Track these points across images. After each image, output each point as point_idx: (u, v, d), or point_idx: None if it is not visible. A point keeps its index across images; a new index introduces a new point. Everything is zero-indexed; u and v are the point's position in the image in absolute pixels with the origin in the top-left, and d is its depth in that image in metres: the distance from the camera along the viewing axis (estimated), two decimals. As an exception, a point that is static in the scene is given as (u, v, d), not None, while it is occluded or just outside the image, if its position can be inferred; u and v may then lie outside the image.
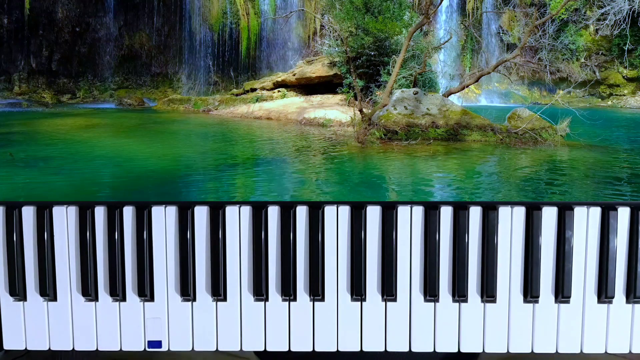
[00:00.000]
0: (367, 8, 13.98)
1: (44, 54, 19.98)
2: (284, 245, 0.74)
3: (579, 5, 19.07)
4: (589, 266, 0.74)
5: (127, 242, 0.75)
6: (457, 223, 0.73)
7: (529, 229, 0.73)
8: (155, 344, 0.76)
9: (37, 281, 0.75)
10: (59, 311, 0.76)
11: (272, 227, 0.75)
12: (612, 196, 5.78)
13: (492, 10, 20.95)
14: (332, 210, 0.74)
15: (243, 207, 0.74)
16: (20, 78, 19.89)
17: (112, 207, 0.75)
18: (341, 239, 0.74)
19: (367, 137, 9.16)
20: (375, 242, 0.73)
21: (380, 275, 0.74)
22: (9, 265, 0.76)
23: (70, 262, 0.75)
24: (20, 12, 19.36)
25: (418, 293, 0.74)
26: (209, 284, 0.74)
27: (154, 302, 0.75)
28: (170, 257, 0.75)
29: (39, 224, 0.75)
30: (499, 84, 21.58)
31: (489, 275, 0.72)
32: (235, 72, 20.82)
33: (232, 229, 0.75)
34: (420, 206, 0.73)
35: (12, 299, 0.76)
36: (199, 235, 0.74)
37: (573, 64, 20.39)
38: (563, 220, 0.73)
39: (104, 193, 5.97)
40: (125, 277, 0.75)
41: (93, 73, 20.72)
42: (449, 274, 0.74)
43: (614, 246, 0.73)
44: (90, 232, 0.75)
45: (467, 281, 0.74)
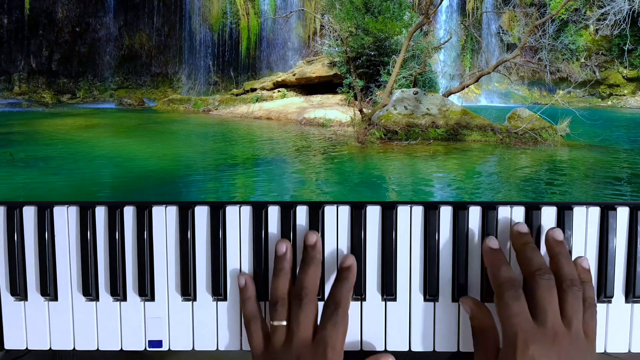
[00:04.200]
0: (367, 8, 13.98)
1: (44, 54, 19.99)
2: (284, 245, 0.74)
3: (579, 5, 19.08)
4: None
5: (127, 242, 0.75)
6: (457, 223, 0.74)
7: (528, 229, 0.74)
8: (156, 344, 0.77)
9: (38, 281, 0.76)
10: (60, 311, 0.76)
11: (272, 227, 0.75)
12: (612, 196, 5.79)
13: (492, 10, 20.97)
14: (332, 210, 0.74)
15: (243, 207, 0.75)
16: (20, 78, 19.90)
17: (112, 207, 0.75)
18: (341, 239, 0.75)
19: (367, 137, 9.16)
20: (375, 242, 0.74)
21: (380, 275, 0.74)
22: (10, 265, 0.76)
23: (71, 262, 0.76)
24: (20, 12, 19.37)
25: (418, 293, 0.74)
26: (209, 283, 0.74)
27: (155, 302, 0.76)
28: (170, 256, 0.75)
29: (40, 224, 0.75)
30: (499, 84, 21.59)
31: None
32: (235, 72, 20.83)
33: (233, 229, 0.75)
34: (420, 206, 0.74)
35: (13, 299, 0.77)
36: (199, 235, 0.75)
37: (573, 64, 20.41)
38: (562, 220, 0.73)
39: (104, 193, 5.98)
40: (125, 277, 0.75)
41: (93, 73, 20.72)
42: (449, 274, 0.74)
43: (613, 246, 0.73)
44: (91, 232, 0.75)
45: (467, 281, 0.74)
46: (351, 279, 0.72)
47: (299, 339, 0.68)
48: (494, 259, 0.70)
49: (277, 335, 0.69)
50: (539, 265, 0.68)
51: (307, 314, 0.69)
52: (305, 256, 0.72)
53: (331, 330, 0.68)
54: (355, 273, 0.73)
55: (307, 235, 0.73)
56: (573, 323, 0.65)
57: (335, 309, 0.69)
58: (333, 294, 0.71)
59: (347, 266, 0.73)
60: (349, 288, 0.72)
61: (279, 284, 0.71)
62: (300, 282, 0.71)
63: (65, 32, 20.07)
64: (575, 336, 0.64)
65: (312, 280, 0.71)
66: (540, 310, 0.65)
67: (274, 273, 0.73)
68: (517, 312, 0.65)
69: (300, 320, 0.68)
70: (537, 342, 0.63)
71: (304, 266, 0.72)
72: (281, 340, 0.69)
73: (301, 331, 0.68)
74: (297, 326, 0.68)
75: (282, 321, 0.70)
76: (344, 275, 0.72)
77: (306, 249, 0.73)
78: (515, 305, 0.65)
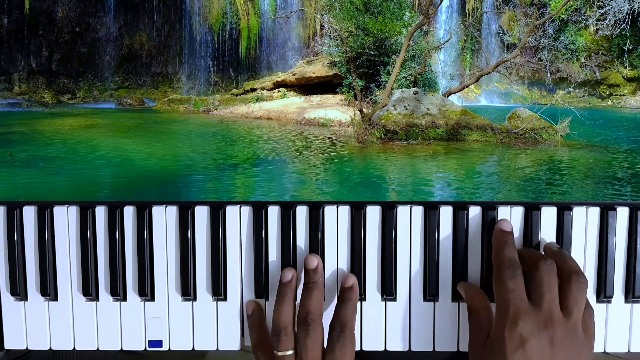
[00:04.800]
0: (367, 8, 13.99)
1: (44, 54, 19.99)
2: (283, 245, 0.74)
3: (579, 5, 19.08)
4: (587, 266, 0.74)
5: (127, 242, 0.75)
6: (457, 223, 0.74)
7: (527, 229, 0.74)
8: (156, 344, 0.77)
9: (38, 281, 0.76)
10: (60, 311, 0.76)
11: (272, 226, 0.75)
12: (612, 196, 5.79)
13: (492, 10, 20.97)
14: (332, 210, 0.74)
15: (243, 207, 0.75)
16: (20, 78, 19.90)
17: (112, 207, 0.75)
18: (341, 239, 0.75)
19: (367, 137, 9.16)
20: (375, 242, 0.74)
21: (380, 275, 0.74)
22: (10, 265, 0.76)
23: (71, 262, 0.76)
24: (20, 12, 19.38)
25: (418, 293, 0.74)
26: (209, 283, 0.74)
27: (155, 302, 0.76)
28: (170, 256, 0.75)
29: (40, 224, 0.75)
30: (499, 84, 21.59)
31: (490, 274, 0.72)
32: (235, 72, 20.83)
33: (233, 229, 0.75)
34: (420, 206, 0.74)
35: (13, 299, 0.77)
36: (199, 235, 0.75)
37: (573, 64, 20.41)
38: (562, 220, 0.73)
39: (104, 193, 5.98)
40: (125, 277, 0.75)
41: (93, 73, 20.72)
42: (448, 274, 0.74)
43: (613, 246, 0.73)
44: (91, 232, 0.75)
45: (467, 281, 0.74)
46: (354, 299, 0.72)
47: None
48: (502, 239, 0.70)
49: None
50: (540, 255, 0.68)
51: (315, 339, 0.68)
52: (307, 281, 0.72)
53: (339, 353, 0.68)
54: (357, 292, 0.73)
55: (307, 260, 0.73)
56: (573, 313, 0.63)
57: (342, 331, 0.69)
58: (338, 316, 0.70)
59: (349, 286, 0.72)
60: (353, 309, 0.71)
61: (282, 312, 0.71)
62: (306, 308, 0.70)
63: (65, 32, 20.07)
64: (572, 327, 0.63)
65: (317, 305, 0.71)
66: (537, 292, 0.64)
67: (277, 299, 0.72)
68: (512, 288, 0.64)
69: (308, 347, 0.68)
70: (527, 321, 0.62)
71: (306, 291, 0.71)
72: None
73: (309, 357, 0.68)
74: (305, 353, 0.68)
75: (287, 351, 0.69)
76: (347, 296, 0.72)
77: (307, 273, 0.72)
78: (511, 282, 0.65)
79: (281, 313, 0.71)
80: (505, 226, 0.72)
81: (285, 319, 0.71)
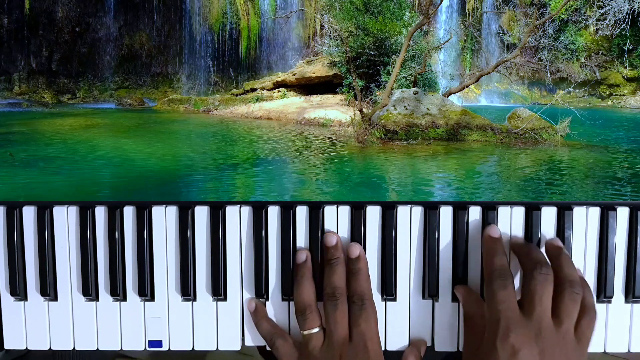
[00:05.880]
0: (367, 8, 13.99)
1: (44, 54, 19.99)
2: (283, 245, 0.74)
3: (579, 5, 19.08)
4: (588, 266, 0.74)
5: (127, 242, 0.75)
6: (457, 223, 0.74)
7: (528, 229, 0.74)
8: (156, 344, 0.77)
9: (38, 281, 0.76)
10: (60, 311, 0.76)
11: (272, 227, 0.75)
12: (612, 196, 5.79)
13: (492, 10, 20.97)
14: (332, 210, 0.74)
15: (243, 207, 0.75)
16: (20, 78, 19.90)
17: (112, 207, 0.75)
18: (341, 239, 0.75)
19: (367, 137, 9.16)
20: (375, 242, 0.74)
21: (380, 275, 0.74)
22: (10, 265, 0.76)
23: (71, 262, 0.76)
24: (20, 12, 19.37)
25: (418, 293, 0.74)
26: (209, 283, 0.74)
27: (155, 302, 0.76)
28: (170, 256, 0.75)
29: (40, 224, 0.75)
30: (499, 84, 21.59)
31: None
32: (235, 72, 20.83)
33: (233, 229, 0.75)
34: (419, 206, 0.74)
35: (12, 299, 0.77)
36: (199, 235, 0.75)
37: (573, 64, 20.40)
38: (562, 220, 0.73)
39: (104, 193, 5.98)
40: (125, 277, 0.75)
41: (93, 73, 20.72)
42: (448, 274, 0.74)
43: (613, 246, 0.73)
44: (91, 232, 0.75)
45: (467, 281, 0.74)
46: (364, 268, 0.72)
47: (338, 338, 0.69)
48: (491, 247, 0.70)
49: (313, 342, 0.70)
50: (538, 260, 0.68)
51: (343, 312, 0.69)
52: (330, 258, 0.73)
53: (365, 325, 0.69)
54: (365, 260, 0.73)
55: (326, 238, 0.73)
56: (564, 323, 0.64)
57: (362, 304, 0.70)
58: (355, 290, 0.71)
59: (356, 256, 0.73)
60: (366, 278, 0.72)
61: (303, 291, 0.72)
62: (332, 283, 0.71)
63: (65, 32, 20.06)
64: (562, 336, 0.64)
65: (341, 281, 0.71)
66: (529, 302, 0.64)
67: (296, 281, 0.73)
68: (503, 299, 0.65)
69: (337, 320, 0.69)
70: (519, 332, 0.62)
71: (330, 268, 0.72)
72: (318, 345, 0.70)
73: (339, 330, 0.69)
74: (334, 326, 0.69)
75: (313, 329, 0.70)
76: (356, 267, 0.72)
77: (328, 250, 0.73)
78: (502, 293, 0.65)
79: (302, 292, 0.72)
80: (493, 232, 0.72)
81: (307, 297, 0.71)
